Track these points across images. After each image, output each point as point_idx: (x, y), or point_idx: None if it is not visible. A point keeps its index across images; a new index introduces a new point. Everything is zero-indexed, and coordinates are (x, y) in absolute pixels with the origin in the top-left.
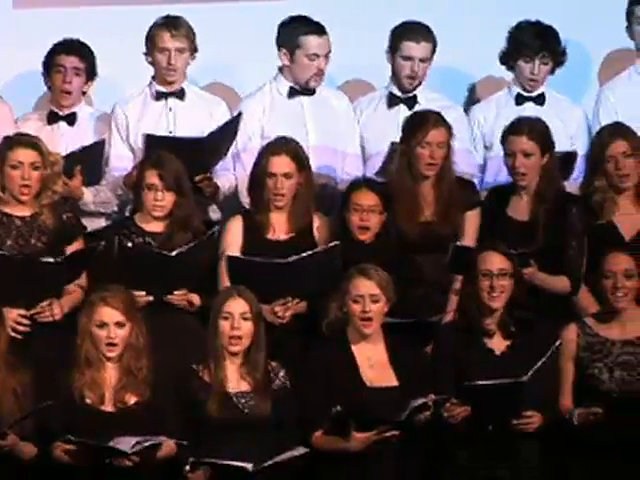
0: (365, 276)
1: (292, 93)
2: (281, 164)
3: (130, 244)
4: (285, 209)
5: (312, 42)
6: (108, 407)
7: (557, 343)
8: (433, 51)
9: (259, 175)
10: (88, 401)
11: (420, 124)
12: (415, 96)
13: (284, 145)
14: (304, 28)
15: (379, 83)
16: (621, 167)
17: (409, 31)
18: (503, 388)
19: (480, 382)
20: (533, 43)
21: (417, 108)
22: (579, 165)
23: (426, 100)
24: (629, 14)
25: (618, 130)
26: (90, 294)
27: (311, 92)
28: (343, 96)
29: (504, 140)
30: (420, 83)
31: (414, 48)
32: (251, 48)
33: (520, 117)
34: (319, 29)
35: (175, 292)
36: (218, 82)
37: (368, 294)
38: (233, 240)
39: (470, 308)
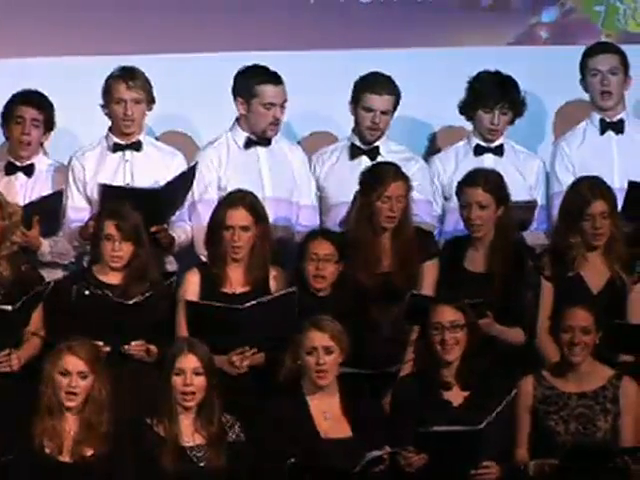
0: (318, 328)
1: (248, 144)
2: (238, 217)
3: (87, 292)
4: (242, 262)
5: (268, 91)
6: (66, 457)
7: (512, 393)
8: (396, 103)
9: (216, 228)
10: (47, 450)
11: (379, 178)
12: (377, 147)
13: (241, 198)
14: (260, 77)
15: (341, 134)
16: (598, 227)
17: (371, 83)
18: (459, 435)
19: (436, 428)
20: (493, 93)
21: (379, 159)
22: (538, 215)
23: (388, 151)
24: (583, 67)
25: (598, 189)
26: (45, 343)
27: (267, 143)
28: (298, 147)
29: (460, 192)
30: (382, 134)
31: (376, 100)
32: (209, 97)
33: (475, 169)
34: (275, 78)
35: (133, 342)
36: (177, 131)
37: (322, 346)
38: (190, 293)
39: (426, 360)
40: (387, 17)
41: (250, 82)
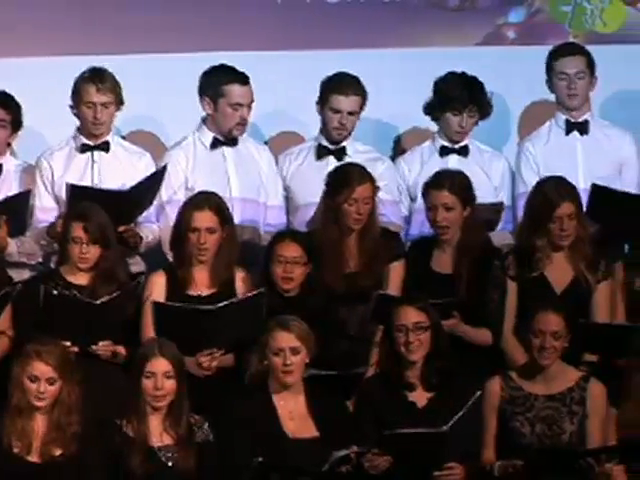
0: (285, 328)
1: (215, 144)
2: (204, 219)
3: (55, 292)
4: (208, 264)
5: (235, 91)
6: (34, 457)
7: (477, 394)
8: (362, 103)
9: (182, 230)
10: (16, 450)
11: (346, 180)
12: (344, 148)
13: (207, 200)
14: (227, 77)
15: (309, 135)
16: (565, 228)
17: (338, 84)
18: (424, 437)
19: (401, 430)
20: (461, 97)
21: (346, 159)
22: (504, 215)
23: (354, 152)
24: (549, 69)
25: (565, 190)
26: (14, 342)
27: (233, 143)
28: (265, 147)
29: (425, 194)
30: (349, 135)
31: (343, 101)
32: (177, 97)
33: (441, 170)
34: (242, 78)
35: (100, 343)
36: (144, 131)
37: (288, 347)
38: (156, 295)
39: (390, 361)
40: (354, 17)
41: (217, 82)
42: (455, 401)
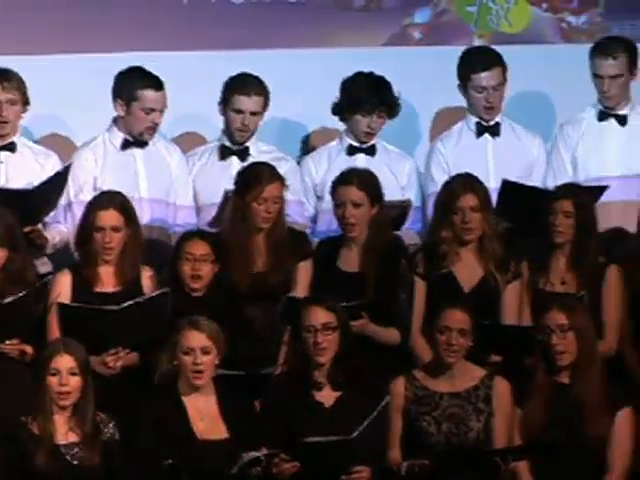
0: (196, 328)
1: (125, 145)
2: (109, 218)
3: None
4: (113, 262)
5: (149, 96)
6: None
7: (386, 399)
8: (265, 104)
9: (87, 229)
10: None
11: (255, 179)
12: (247, 148)
13: (111, 199)
14: (142, 81)
15: (212, 135)
16: (468, 221)
17: (240, 84)
18: (332, 445)
19: (309, 439)
20: (370, 99)
21: (249, 160)
22: (411, 215)
23: (258, 152)
24: (464, 77)
25: (469, 183)
26: None
27: (144, 144)
28: (176, 148)
29: (334, 191)
30: (252, 135)
31: (245, 101)
32: (86, 98)
33: (349, 168)
34: (157, 83)
35: (7, 341)
36: (55, 132)
37: (199, 346)
38: (61, 294)
39: (298, 360)
40: (259, 18)
41: (132, 85)
42: (363, 401)
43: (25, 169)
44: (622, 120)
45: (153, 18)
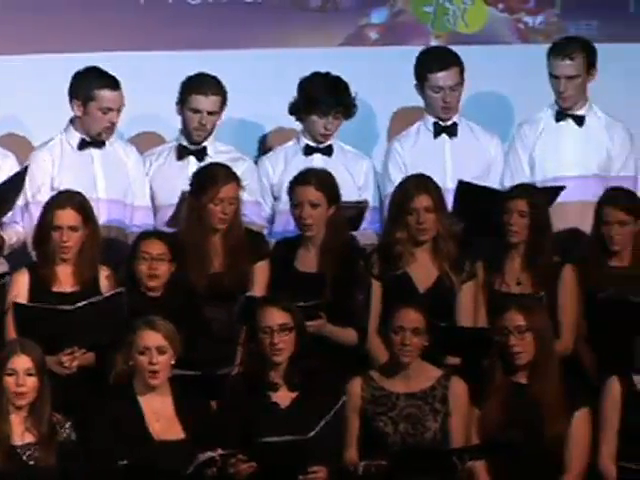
0: (151, 328)
1: (82, 145)
2: (66, 217)
3: None
4: (71, 262)
5: (106, 96)
6: None
7: (342, 399)
8: (222, 103)
9: (45, 228)
10: None
11: (211, 180)
12: (205, 148)
13: (69, 198)
14: (99, 81)
15: (169, 135)
16: (422, 221)
17: (197, 84)
18: (288, 445)
19: (265, 439)
20: (327, 99)
21: (207, 160)
22: (369, 216)
23: (215, 152)
24: (421, 77)
25: (423, 184)
26: None
27: (101, 144)
28: (132, 149)
29: (291, 191)
30: (209, 135)
31: (202, 101)
32: (43, 98)
33: (307, 168)
34: (114, 83)
35: None
36: (12, 133)
37: (155, 346)
38: (19, 293)
39: (255, 361)
40: (216, 18)
41: (88, 85)
42: (319, 401)
43: None
44: (579, 121)
45: (110, 18)
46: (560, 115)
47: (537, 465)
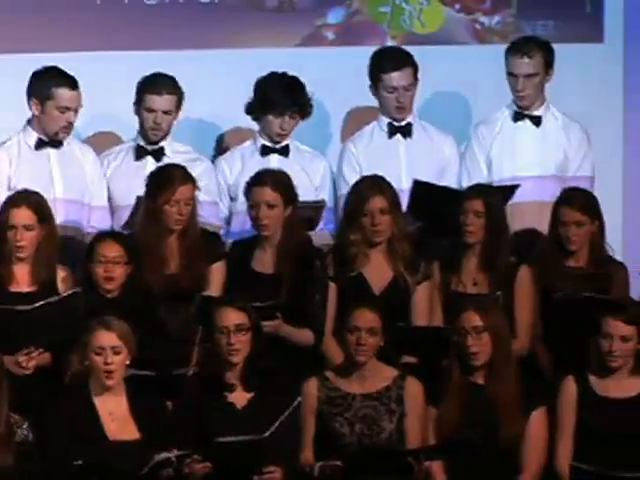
0: (106, 328)
1: (39, 145)
2: (22, 216)
3: None
4: (28, 261)
5: (64, 95)
6: None
7: (298, 400)
8: (178, 103)
9: (1, 228)
10: None
11: (167, 182)
12: (162, 148)
13: (25, 197)
14: (58, 80)
15: (127, 135)
16: (377, 223)
17: (152, 83)
18: (244, 444)
19: (221, 439)
20: (283, 99)
21: (165, 160)
22: (324, 216)
23: (173, 152)
24: (375, 77)
25: (378, 185)
26: None
27: (58, 144)
28: (89, 149)
29: (248, 191)
30: (166, 135)
31: (157, 100)
32: (1, 99)
33: (264, 169)
34: (72, 82)
35: None
36: None
37: (109, 346)
38: None
39: (211, 362)
40: (173, 18)
41: (46, 84)
42: (275, 401)
43: None
44: (536, 121)
45: (66, 18)
46: (517, 115)
47: (494, 465)
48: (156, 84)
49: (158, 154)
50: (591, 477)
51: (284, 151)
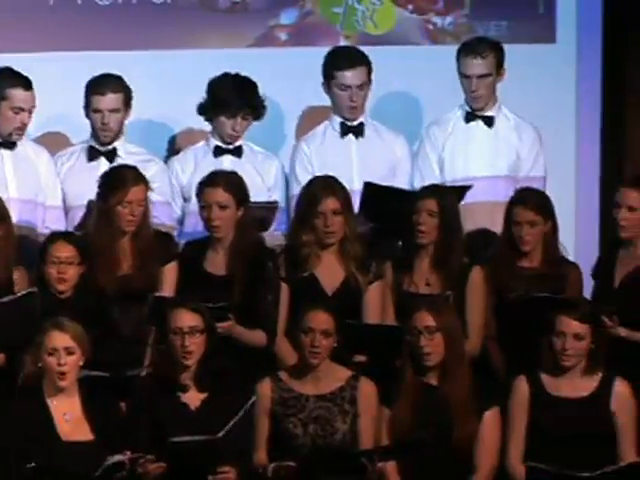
0: (59, 329)
1: None
2: None
3: None
4: None
5: (18, 95)
6: None
7: (252, 400)
8: (125, 101)
9: None
10: None
11: (119, 183)
12: (115, 149)
13: None
14: (11, 81)
15: (80, 137)
16: (329, 224)
17: (96, 84)
18: (198, 445)
19: (174, 439)
20: (235, 100)
21: (118, 161)
22: (279, 216)
23: (126, 153)
24: (328, 75)
25: (330, 186)
26: None
27: (12, 145)
28: (43, 150)
29: (200, 192)
30: (117, 135)
31: (100, 100)
32: None
33: (216, 170)
34: (26, 83)
35: None
36: None
37: (63, 347)
38: None
39: (164, 363)
40: (126, 19)
41: (1, 85)
42: (228, 402)
43: None
44: (489, 121)
45: (19, 19)
46: (470, 116)
47: (447, 465)
48: (100, 84)
49: (111, 155)
50: (548, 477)
51: (237, 152)
